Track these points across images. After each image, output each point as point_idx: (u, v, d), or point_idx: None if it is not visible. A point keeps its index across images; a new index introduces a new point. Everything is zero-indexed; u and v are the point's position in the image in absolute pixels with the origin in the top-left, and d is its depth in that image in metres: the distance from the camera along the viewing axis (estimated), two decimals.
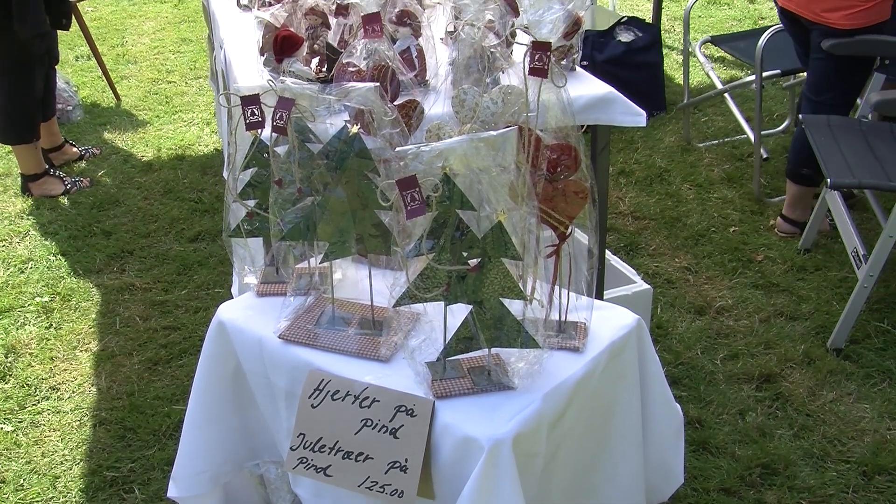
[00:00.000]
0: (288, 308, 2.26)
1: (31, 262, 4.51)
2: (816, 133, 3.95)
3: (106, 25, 8.27)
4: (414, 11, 2.84)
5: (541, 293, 2.02)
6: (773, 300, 4.03)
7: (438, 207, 1.82)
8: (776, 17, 7.61)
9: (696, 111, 5.88)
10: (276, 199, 2.17)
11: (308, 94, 2.11)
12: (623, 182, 5.07)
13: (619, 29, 5.82)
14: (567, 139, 2.02)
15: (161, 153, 5.66)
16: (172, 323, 3.99)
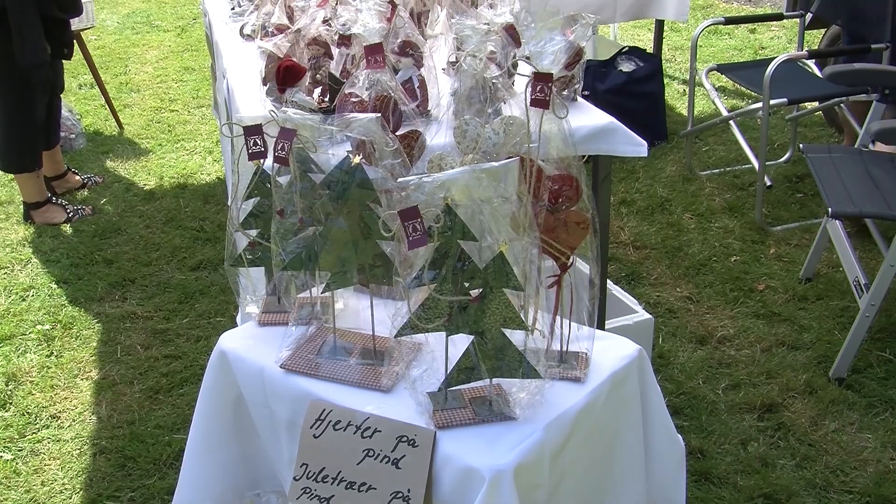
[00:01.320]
0: (289, 338, 2.25)
1: (33, 290, 4.51)
2: (817, 163, 3.96)
3: (109, 54, 8.31)
4: (416, 42, 2.85)
5: (542, 323, 2.02)
6: (775, 330, 4.03)
7: (440, 238, 1.82)
8: (777, 47, 7.69)
9: (698, 140, 5.90)
10: (277, 230, 2.17)
11: (310, 124, 2.12)
12: (624, 211, 5.07)
13: (621, 59, 5.84)
14: (569, 170, 2.03)
15: (163, 182, 5.67)
16: (173, 351, 3.98)
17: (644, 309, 3.64)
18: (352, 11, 2.95)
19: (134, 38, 8.83)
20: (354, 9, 2.97)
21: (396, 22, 2.87)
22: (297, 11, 3.43)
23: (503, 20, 2.74)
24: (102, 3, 9.82)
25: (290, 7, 3.49)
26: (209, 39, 4.81)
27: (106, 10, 9.74)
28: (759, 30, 8.28)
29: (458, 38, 2.75)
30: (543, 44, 2.07)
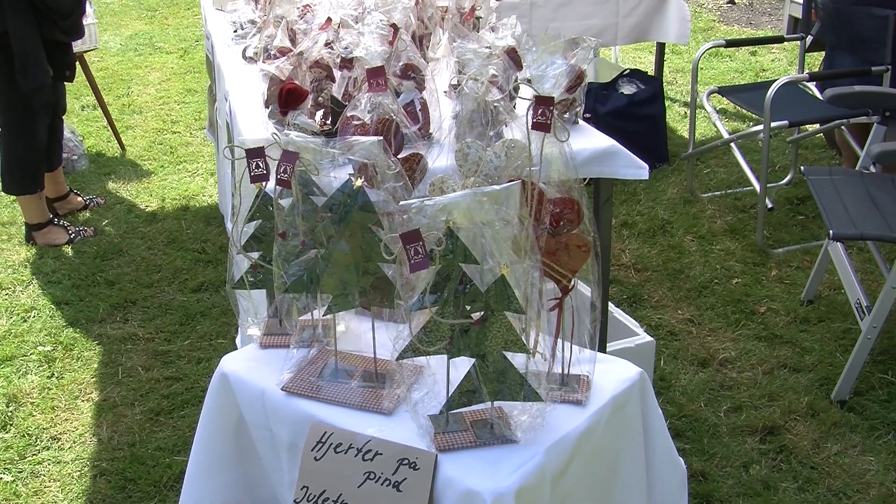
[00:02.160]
0: (291, 360, 2.26)
1: (34, 311, 4.51)
2: (818, 185, 3.97)
3: (112, 76, 8.34)
4: (418, 65, 2.86)
5: (543, 346, 2.02)
6: (777, 352, 4.02)
7: (442, 261, 1.83)
8: (778, 70, 7.71)
9: (699, 163, 5.91)
10: (279, 252, 2.18)
11: (312, 147, 2.12)
12: (625, 234, 5.08)
13: (622, 81, 5.86)
14: (570, 193, 2.03)
15: (165, 203, 5.68)
16: (175, 373, 3.98)
17: (645, 331, 3.64)
18: (354, 35, 2.96)
19: (137, 60, 8.86)
20: (356, 32, 2.98)
21: (398, 45, 2.88)
22: (299, 34, 3.45)
23: (505, 43, 2.76)
24: (105, 25, 9.85)
25: (293, 30, 3.51)
26: (209, 62, 4.82)
27: (109, 31, 9.77)
28: (760, 52, 8.31)
29: (460, 62, 2.76)
30: (545, 67, 2.08)
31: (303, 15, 3.60)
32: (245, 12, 4.29)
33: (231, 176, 3.81)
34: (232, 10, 4.43)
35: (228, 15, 4.50)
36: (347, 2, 3.50)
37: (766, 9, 10.13)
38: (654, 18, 5.75)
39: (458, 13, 3.55)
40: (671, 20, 5.72)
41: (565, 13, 5.53)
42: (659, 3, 5.72)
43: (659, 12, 5.74)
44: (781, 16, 9.33)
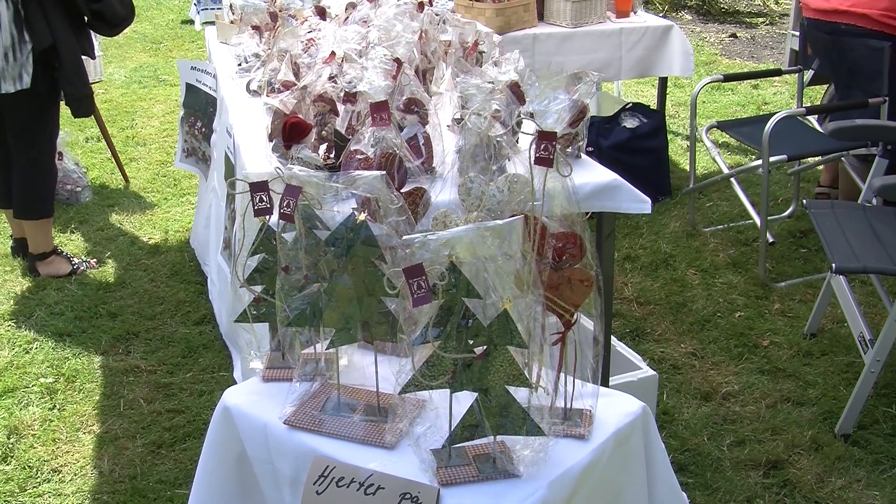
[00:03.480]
0: (293, 394, 2.26)
1: (37, 343, 4.51)
2: (820, 218, 3.97)
3: (116, 108, 8.37)
4: (421, 99, 2.88)
5: (546, 380, 2.02)
6: (780, 385, 4.02)
7: (444, 295, 1.83)
8: (780, 103, 7.74)
9: (701, 196, 5.92)
10: (282, 286, 2.18)
11: (315, 181, 2.13)
12: (628, 267, 5.08)
13: (624, 115, 5.88)
14: (572, 227, 2.04)
15: (168, 236, 5.69)
16: (177, 406, 3.97)
17: (648, 365, 3.63)
18: (357, 69, 2.99)
19: (141, 93, 8.90)
20: (360, 66, 3.00)
21: (402, 79, 2.90)
22: (303, 68, 3.47)
23: (507, 78, 2.77)
24: (110, 58, 9.90)
25: (297, 63, 3.53)
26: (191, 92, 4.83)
27: (114, 64, 9.82)
28: (762, 85, 8.34)
29: (463, 97, 2.77)
30: (547, 103, 2.09)
31: (307, 49, 3.63)
32: (249, 46, 4.32)
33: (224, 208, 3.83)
34: (236, 43, 4.45)
35: (233, 48, 4.52)
36: (351, 36, 3.52)
37: (767, 42, 10.17)
38: (656, 52, 5.78)
39: (462, 47, 3.57)
40: (674, 54, 5.75)
41: (568, 47, 5.56)
42: (661, 37, 5.76)
43: (662, 46, 5.77)
44: (783, 49, 9.37)
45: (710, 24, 11.06)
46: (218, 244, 4.28)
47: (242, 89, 4.03)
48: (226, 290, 4.15)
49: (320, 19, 4.15)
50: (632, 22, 5.78)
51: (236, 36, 4.55)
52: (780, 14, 11.36)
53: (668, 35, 5.76)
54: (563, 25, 5.60)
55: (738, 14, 11.49)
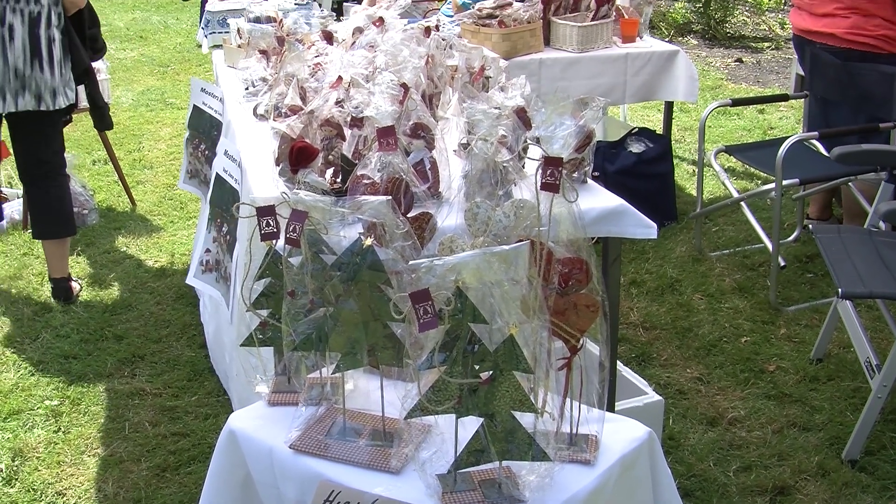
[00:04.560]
0: (299, 418, 2.25)
1: (42, 365, 4.51)
2: (827, 242, 3.97)
3: (123, 131, 8.40)
4: (428, 124, 2.89)
5: (552, 406, 2.02)
6: (786, 411, 4.01)
7: (451, 320, 1.83)
8: (786, 127, 7.75)
9: (708, 221, 5.92)
10: (288, 310, 2.19)
11: (321, 206, 2.14)
12: (634, 292, 5.08)
13: (631, 140, 5.89)
14: (578, 252, 2.04)
15: (174, 259, 5.70)
16: (182, 429, 3.97)
17: (654, 390, 3.63)
18: (364, 94, 3.00)
19: (148, 116, 8.93)
20: (367, 91, 3.01)
21: (408, 104, 2.91)
22: (310, 92, 3.48)
23: (514, 103, 2.78)
24: (118, 81, 9.95)
25: (303, 88, 3.54)
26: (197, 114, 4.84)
27: (121, 87, 9.86)
28: (767, 110, 8.35)
29: (470, 122, 2.78)
30: (554, 128, 2.10)
31: (314, 73, 3.64)
32: (256, 70, 4.33)
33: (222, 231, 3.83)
34: (243, 67, 4.47)
35: (240, 72, 4.54)
36: (358, 61, 3.53)
37: (773, 67, 10.20)
38: (662, 77, 5.80)
39: (468, 73, 3.58)
40: (679, 79, 5.77)
41: (574, 72, 5.58)
42: (667, 62, 5.77)
43: (667, 71, 5.79)
44: (789, 74, 9.38)
45: (715, 48, 11.09)
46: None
47: (249, 113, 4.05)
48: (216, 314, 4.15)
49: (327, 44, 4.16)
50: (637, 47, 5.80)
51: (244, 60, 4.57)
52: (785, 39, 11.38)
53: (674, 60, 5.78)
54: (569, 50, 5.62)
55: (743, 39, 11.52)
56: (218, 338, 4.16)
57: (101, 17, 5.94)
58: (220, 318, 4.03)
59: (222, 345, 4.06)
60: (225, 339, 3.97)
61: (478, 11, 5.58)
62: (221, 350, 4.10)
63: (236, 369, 3.68)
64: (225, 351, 4.01)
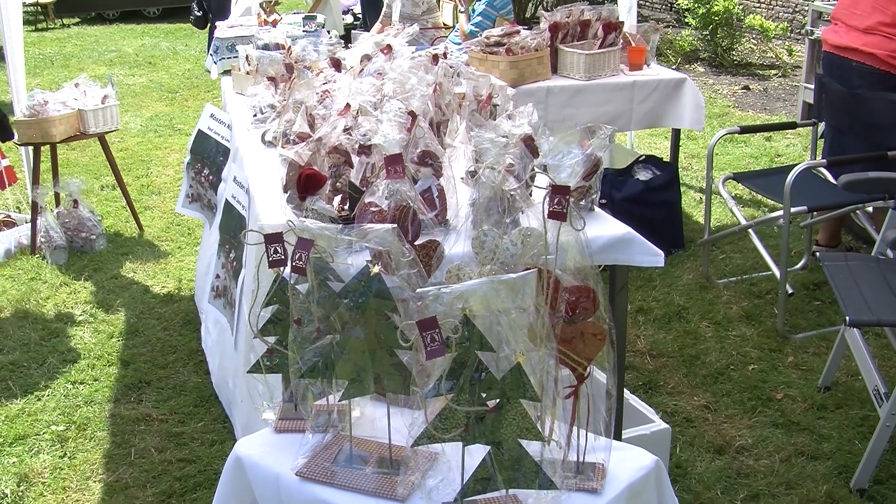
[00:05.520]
0: (306, 445, 2.26)
1: (49, 390, 4.51)
2: (834, 270, 3.97)
3: (132, 156, 8.44)
4: (435, 152, 2.89)
5: (559, 434, 2.02)
6: (794, 439, 3.99)
7: (458, 348, 1.84)
8: (793, 155, 7.76)
9: (714, 248, 5.92)
10: (295, 338, 2.19)
11: (327, 234, 2.15)
12: (641, 319, 5.07)
13: (638, 167, 5.90)
14: (586, 281, 2.05)
15: (181, 284, 5.71)
16: (188, 455, 3.97)
17: (661, 418, 3.62)
18: (372, 121, 3.01)
19: (156, 141, 8.97)
20: (375, 119, 3.02)
21: (416, 132, 2.92)
22: (318, 119, 3.49)
23: (521, 131, 2.79)
24: (126, 107, 10.00)
25: (312, 115, 3.55)
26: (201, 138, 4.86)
27: (130, 113, 9.92)
28: (774, 138, 8.35)
29: (477, 150, 2.79)
30: (561, 157, 2.11)
31: (322, 100, 3.65)
32: (265, 97, 4.35)
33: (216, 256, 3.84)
34: (252, 94, 4.49)
35: (248, 99, 4.56)
36: (366, 88, 3.55)
37: (780, 94, 10.22)
38: (668, 105, 5.81)
39: (476, 100, 3.59)
40: (686, 107, 5.78)
41: (580, 100, 5.59)
42: (673, 89, 5.79)
43: (673, 99, 5.80)
44: (796, 101, 9.41)
45: (722, 76, 11.12)
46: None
47: (258, 140, 4.06)
48: (221, 340, 4.15)
49: (335, 71, 4.18)
50: (645, 75, 5.81)
51: (252, 87, 4.59)
52: (792, 66, 11.41)
53: (681, 88, 5.79)
54: (576, 78, 5.64)
55: (750, 66, 11.55)
56: (222, 364, 4.16)
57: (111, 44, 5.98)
58: (225, 344, 4.03)
59: (226, 371, 4.07)
60: (229, 365, 3.98)
61: (485, 39, 5.60)
62: (225, 376, 4.10)
63: (240, 395, 3.68)
64: (229, 377, 4.01)
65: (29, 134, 6.01)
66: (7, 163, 6.42)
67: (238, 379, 3.73)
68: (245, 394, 3.45)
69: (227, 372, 4.02)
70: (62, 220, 6.20)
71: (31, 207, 6.16)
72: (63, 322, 5.24)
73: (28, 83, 6.70)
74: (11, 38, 6.37)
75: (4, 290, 5.66)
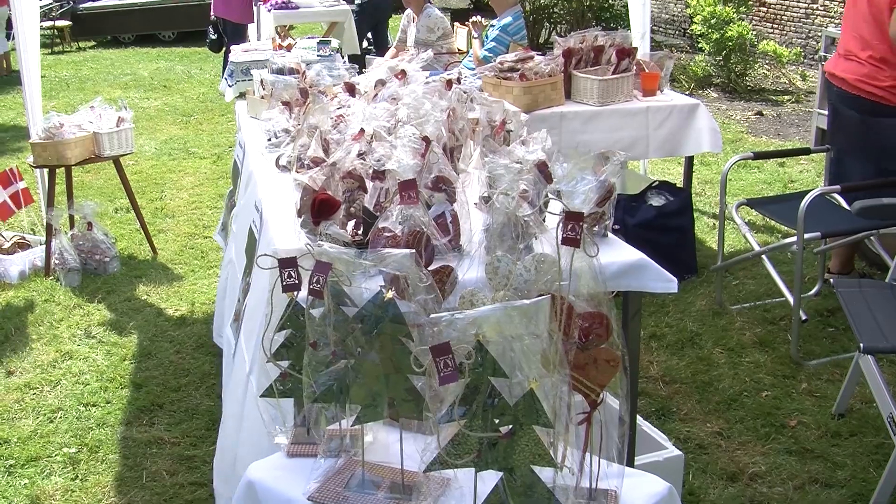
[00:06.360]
0: (318, 470, 2.25)
1: (61, 412, 4.52)
2: (848, 297, 3.96)
3: (146, 179, 8.48)
4: (449, 177, 2.90)
5: (571, 460, 2.01)
6: (808, 466, 3.97)
7: (471, 374, 1.84)
8: (806, 181, 7.75)
9: (728, 274, 5.91)
10: (310, 361, 2.19)
11: (345, 258, 2.15)
12: (654, 345, 5.06)
13: (651, 193, 5.90)
14: (599, 307, 2.05)
15: (195, 308, 5.72)
16: (199, 479, 3.96)
17: (674, 445, 3.60)
18: (386, 147, 3.02)
19: (171, 164, 9.01)
20: (389, 144, 3.03)
21: (430, 157, 2.93)
22: (332, 144, 3.50)
23: (535, 157, 2.79)
24: (141, 130, 10.05)
25: (326, 140, 3.56)
26: (235, 169, 4.89)
27: (144, 136, 9.97)
28: (788, 163, 8.35)
29: (491, 176, 2.79)
30: (575, 183, 2.12)
31: (336, 125, 3.67)
32: (279, 121, 4.37)
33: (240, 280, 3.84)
34: (266, 118, 4.51)
35: (263, 123, 4.58)
36: (380, 113, 3.56)
37: (793, 120, 10.22)
38: (683, 131, 5.81)
39: (489, 126, 3.60)
40: (702, 131, 5.78)
41: (595, 126, 5.60)
42: (688, 115, 5.79)
43: (688, 125, 5.80)
44: (809, 127, 9.40)
45: (736, 101, 11.13)
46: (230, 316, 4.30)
47: (272, 164, 4.07)
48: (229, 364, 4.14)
49: (350, 96, 4.20)
50: (658, 100, 5.83)
51: (266, 111, 4.61)
52: (805, 92, 11.42)
53: (695, 113, 5.80)
54: (590, 104, 5.65)
55: (764, 92, 11.56)
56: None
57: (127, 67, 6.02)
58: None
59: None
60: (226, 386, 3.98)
61: (499, 64, 5.62)
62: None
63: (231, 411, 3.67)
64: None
65: (44, 156, 6.04)
66: (23, 185, 6.46)
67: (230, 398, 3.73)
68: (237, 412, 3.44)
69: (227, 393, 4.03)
70: (76, 243, 6.23)
71: (46, 229, 6.19)
72: (76, 344, 5.25)
73: (44, 106, 6.74)
74: (28, 62, 6.42)
75: (18, 311, 5.68)
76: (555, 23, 14.58)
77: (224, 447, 3.51)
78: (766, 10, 13.69)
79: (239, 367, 3.48)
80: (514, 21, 7.17)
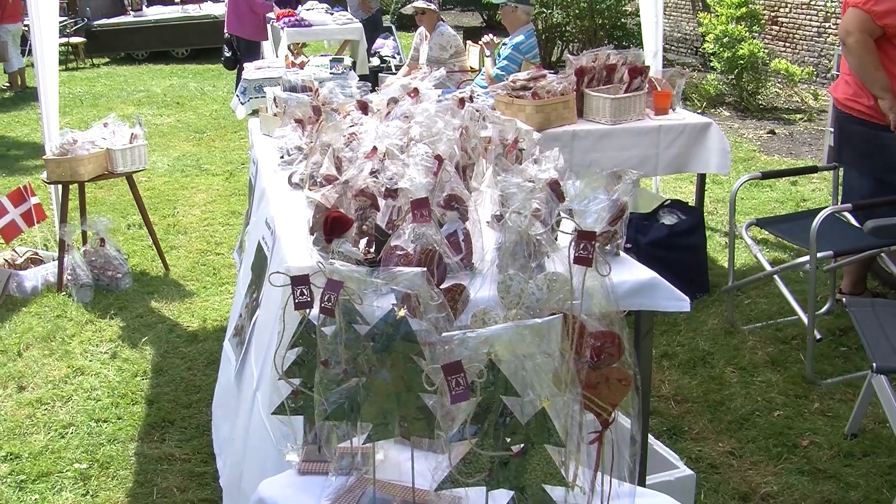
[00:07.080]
0: (329, 487, 2.25)
1: (72, 428, 4.53)
2: (861, 316, 3.95)
3: (158, 196, 8.50)
4: (461, 196, 2.90)
5: (583, 480, 2.01)
6: (821, 487, 3.95)
7: (483, 393, 1.84)
8: (818, 199, 7.74)
9: (740, 294, 5.90)
10: (321, 379, 2.19)
11: (357, 277, 2.15)
12: (666, 364, 5.05)
13: (663, 212, 5.89)
14: (611, 326, 2.04)
15: (206, 324, 5.73)
16: (210, 496, 3.97)
17: (685, 464, 3.59)
18: (399, 165, 3.02)
19: (183, 181, 9.04)
20: (402, 162, 3.04)
21: (442, 176, 2.93)
22: (345, 162, 3.51)
23: (547, 176, 2.79)
24: (154, 146, 10.09)
25: (339, 158, 3.57)
26: (251, 186, 4.90)
27: (157, 152, 10.01)
28: (800, 182, 8.34)
29: (504, 195, 2.80)
30: (587, 202, 2.12)
31: (349, 143, 3.67)
32: (292, 139, 4.38)
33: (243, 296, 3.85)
34: (279, 136, 4.52)
35: (275, 140, 4.59)
36: (393, 131, 3.57)
37: (806, 139, 10.21)
38: (694, 150, 5.81)
39: (502, 144, 3.60)
40: (712, 151, 5.78)
41: (607, 144, 5.61)
42: (699, 134, 5.79)
43: (699, 143, 5.80)
44: (822, 146, 9.39)
45: (748, 120, 11.12)
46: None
47: (284, 182, 4.08)
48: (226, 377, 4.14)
49: (362, 114, 4.21)
50: (670, 119, 5.83)
51: (279, 128, 4.62)
52: (818, 110, 11.41)
53: (707, 133, 5.80)
54: (602, 122, 5.66)
55: (776, 110, 11.55)
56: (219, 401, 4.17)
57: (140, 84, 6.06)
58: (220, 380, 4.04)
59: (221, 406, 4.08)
60: (223, 401, 3.98)
61: (511, 83, 5.63)
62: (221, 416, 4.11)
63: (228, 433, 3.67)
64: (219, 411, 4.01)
65: (58, 172, 6.07)
66: (36, 200, 6.49)
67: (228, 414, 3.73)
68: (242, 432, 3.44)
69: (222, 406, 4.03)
70: (89, 259, 6.25)
71: (59, 245, 6.22)
72: (88, 360, 5.27)
73: (58, 122, 6.77)
74: (46, 79, 6.46)
75: (31, 327, 5.70)
76: (567, 41, 14.60)
77: (231, 463, 3.52)
78: (778, 29, 13.69)
79: (246, 384, 3.49)
80: (527, 39, 7.19)
